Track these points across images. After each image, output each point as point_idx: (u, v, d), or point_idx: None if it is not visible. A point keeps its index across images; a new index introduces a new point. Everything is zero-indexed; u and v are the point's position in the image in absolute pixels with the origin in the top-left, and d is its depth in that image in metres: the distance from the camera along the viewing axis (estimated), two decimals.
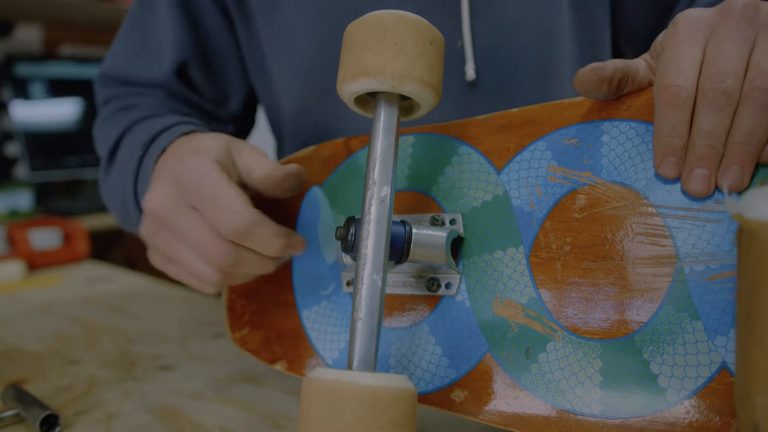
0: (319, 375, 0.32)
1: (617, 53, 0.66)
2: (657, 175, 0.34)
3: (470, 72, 0.54)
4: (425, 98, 0.36)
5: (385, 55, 0.34)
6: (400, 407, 0.31)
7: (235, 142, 0.44)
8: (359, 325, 0.33)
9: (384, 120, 0.36)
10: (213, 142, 0.43)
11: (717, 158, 0.32)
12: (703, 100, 0.32)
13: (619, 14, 0.62)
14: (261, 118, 0.74)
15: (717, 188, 0.33)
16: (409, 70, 0.34)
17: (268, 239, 0.40)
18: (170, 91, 0.62)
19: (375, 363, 0.34)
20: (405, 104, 0.39)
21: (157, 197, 0.41)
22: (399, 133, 0.37)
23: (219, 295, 0.72)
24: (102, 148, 0.58)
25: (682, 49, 0.33)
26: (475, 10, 0.54)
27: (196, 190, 0.39)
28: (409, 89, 0.34)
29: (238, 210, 0.38)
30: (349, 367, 0.33)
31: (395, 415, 0.31)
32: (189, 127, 0.50)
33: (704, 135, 0.32)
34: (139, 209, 0.51)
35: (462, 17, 0.53)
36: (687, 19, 0.33)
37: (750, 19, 0.31)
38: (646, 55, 0.37)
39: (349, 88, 0.35)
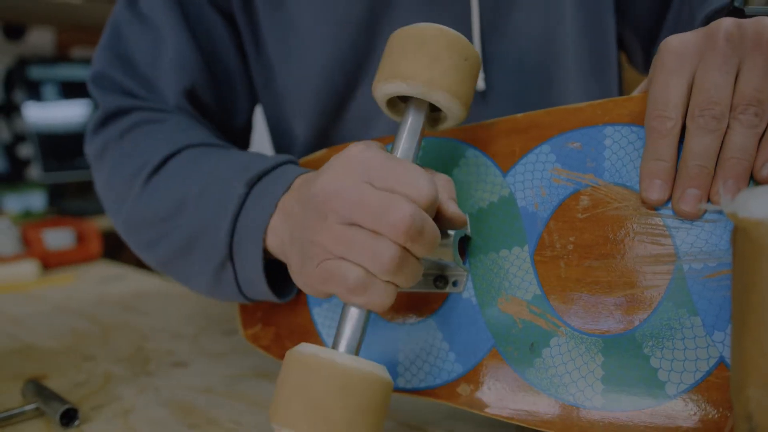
0: (301, 348, 0.33)
1: (621, 46, 0.67)
2: None
3: (480, 82, 0.55)
4: (452, 109, 0.37)
5: (420, 62, 0.36)
6: (371, 393, 0.32)
7: None
8: (350, 310, 0.35)
9: (410, 123, 0.38)
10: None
11: (708, 179, 0.34)
12: (694, 125, 0.34)
13: (623, 7, 0.63)
14: (261, 127, 0.72)
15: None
16: (439, 79, 0.36)
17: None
18: (187, 113, 0.59)
19: (358, 348, 0.35)
20: (434, 115, 0.40)
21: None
22: (422, 138, 0.38)
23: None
24: (133, 161, 0.54)
25: (669, 80, 0.34)
26: (485, 21, 0.55)
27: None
28: (437, 98, 0.36)
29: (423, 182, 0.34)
30: (334, 346, 0.35)
31: (365, 400, 0.32)
32: (302, 170, 0.45)
33: (696, 156, 0.34)
34: (230, 247, 0.46)
35: (472, 28, 0.54)
36: (671, 48, 0.35)
37: (735, 43, 0.33)
38: (642, 85, 0.39)
39: (382, 89, 0.37)
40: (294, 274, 0.39)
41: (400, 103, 0.40)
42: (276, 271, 0.48)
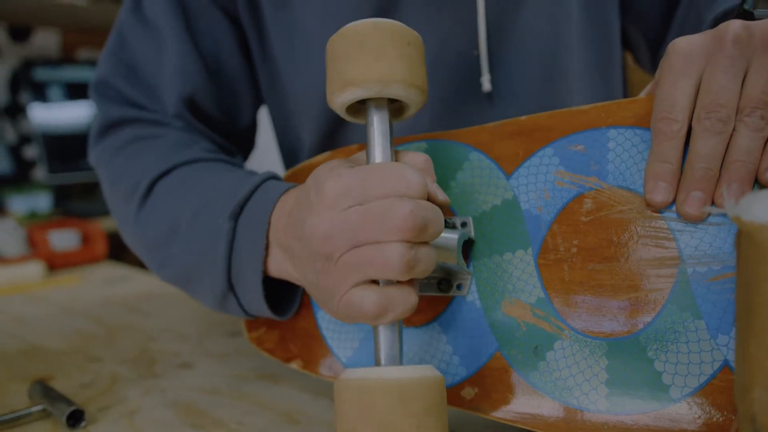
0: (348, 375, 0.33)
1: (627, 45, 0.67)
2: None
3: (486, 84, 0.55)
4: (411, 97, 0.37)
5: (366, 62, 0.35)
6: (428, 394, 0.32)
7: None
8: (380, 326, 0.35)
9: (376, 125, 0.37)
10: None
11: (713, 182, 0.34)
12: (701, 127, 0.34)
13: (627, 4, 0.63)
14: (266, 127, 0.71)
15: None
16: (391, 73, 0.35)
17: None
18: (186, 122, 0.59)
19: (401, 357, 0.35)
20: (395, 106, 0.40)
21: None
22: (393, 134, 0.38)
23: None
24: (125, 181, 0.54)
25: (676, 82, 0.34)
26: (491, 21, 0.54)
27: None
28: (394, 92, 0.36)
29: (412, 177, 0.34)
30: (377, 364, 0.35)
31: (426, 403, 0.32)
32: (281, 186, 0.45)
33: (702, 158, 0.34)
34: (229, 280, 0.47)
35: (479, 29, 0.54)
36: (679, 50, 0.35)
37: (743, 45, 0.33)
38: (649, 87, 0.39)
39: (339, 99, 0.36)
40: (322, 308, 0.40)
41: (359, 106, 0.40)
42: (277, 284, 0.49)
